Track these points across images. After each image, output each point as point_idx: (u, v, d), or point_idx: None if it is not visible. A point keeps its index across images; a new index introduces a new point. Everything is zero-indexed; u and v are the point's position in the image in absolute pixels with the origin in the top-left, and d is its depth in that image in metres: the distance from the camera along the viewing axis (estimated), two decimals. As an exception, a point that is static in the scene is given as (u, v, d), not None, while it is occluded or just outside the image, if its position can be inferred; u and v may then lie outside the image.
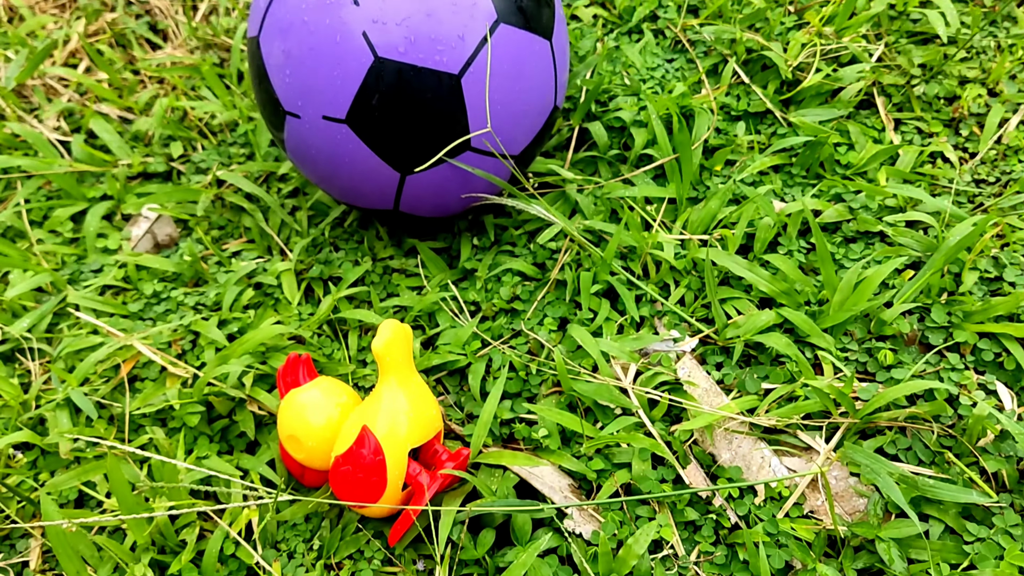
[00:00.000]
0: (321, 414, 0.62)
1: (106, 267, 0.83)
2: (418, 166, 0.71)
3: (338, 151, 0.71)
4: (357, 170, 0.72)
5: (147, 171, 0.93)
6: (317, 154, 0.73)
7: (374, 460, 0.58)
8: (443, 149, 0.70)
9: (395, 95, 0.67)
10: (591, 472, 0.65)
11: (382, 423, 0.59)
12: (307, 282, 0.82)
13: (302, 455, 0.62)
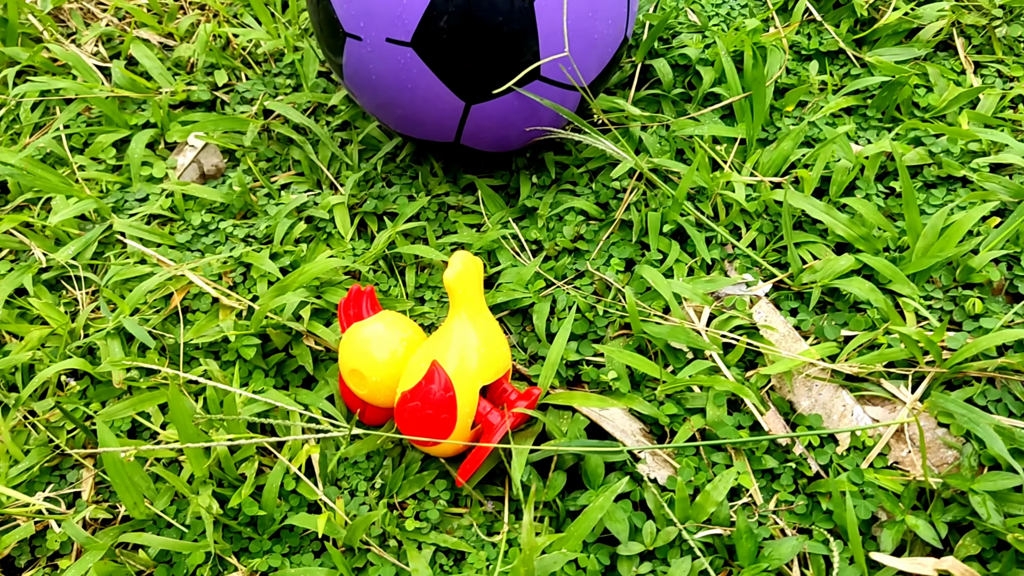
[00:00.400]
0: (386, 348, 0.60)
1: (152, 196, 0.80)
2: (484, 95, 0.68)
3: (401, 77, 0.68)
4: (420, 97, 0.69)
5: (190, 100, 0.90)
6: (378, 80, 0.69)
7: (444, 396, 0.55)
8: (511, 77, 0.67)
9: (465, 17, 0.64)
10: (664, 417, 0.63)
11: (452, 358, 0.56)
12: (360, 217, 0.79)
13: (365, 391, 0.60)
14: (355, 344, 0.60)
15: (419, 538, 0.59)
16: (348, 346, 0.61)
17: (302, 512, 0.60)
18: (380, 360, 0.59)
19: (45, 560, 0.59)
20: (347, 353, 0.60)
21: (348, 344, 0.61)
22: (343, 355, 0.61)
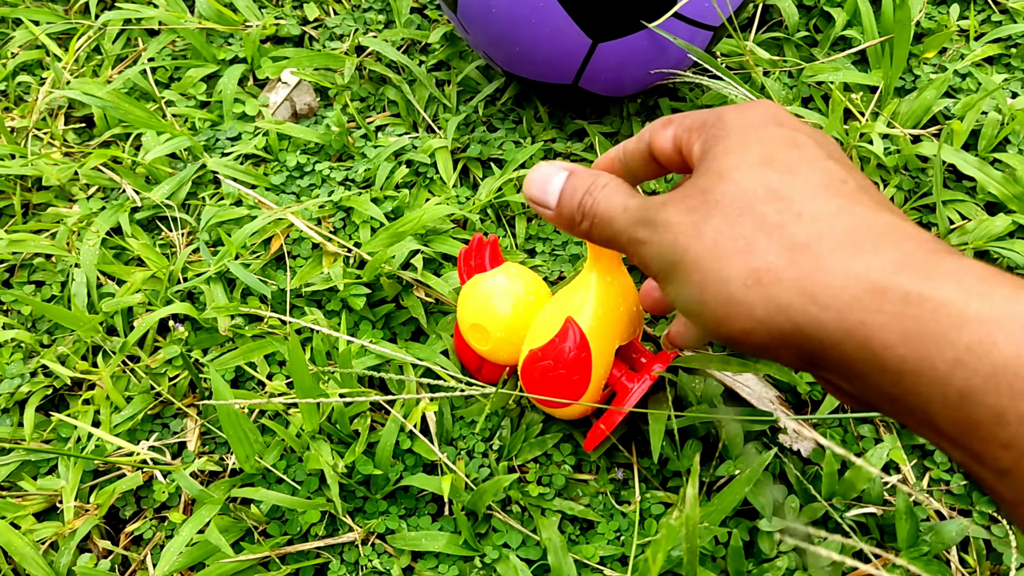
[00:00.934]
0: (510, 302, 0.55)
1: (244, 135, 0.76)
2: (614, 32, 0.62)
3: (525, 9, 0.62)
4: (543, 33, 0.63)
5: (278, 34, 0.85)
6: (498, 12, 0.64)
7: (578, 356, 0.51)
8: (643, 12, 0.61)
9: (601, -56, 0.58)
10: (803, 384, 0.58)
11: (587, 315, 0.52)
12: (463, 162, 0.74)
13: (486, 347, 0.56)
14: (477, 297, 0.56)
15: (544, 504, 0.55)
16: (468, 299, 0.57)
17: (419, 472, 0.56)
18: (504, 314, 0.55)
19: (152, 512, 0.56)
20: (467, 307, 0.56)
21: (469, 297, 0.57)
22: (462, 309, 0.57)
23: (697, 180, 0.33)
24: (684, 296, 0.32)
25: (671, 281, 0.33)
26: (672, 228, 0.32)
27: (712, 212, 0.32)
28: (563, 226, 0.39)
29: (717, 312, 0.31)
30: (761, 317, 0.30)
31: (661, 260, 0.33)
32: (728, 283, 0.30)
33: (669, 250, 0.32)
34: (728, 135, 0.34)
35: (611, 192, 0.36)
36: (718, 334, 0.32)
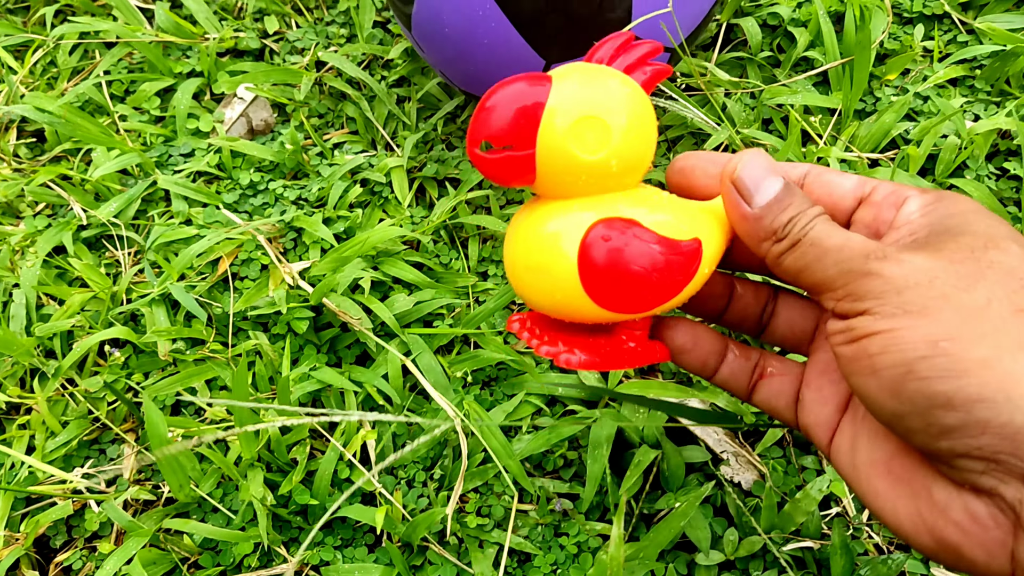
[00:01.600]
0: (647, 108, 0.33)
1: (197, 151, 0.75)
2: (568, 53, 0.62)
3: (477, 31, 0.62)
4: (496, 53, 0.63)
5: (238, 47, 0.84)
6: (451, 32, 0.63)
7: (692, 247, 0.33)
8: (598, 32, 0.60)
9: (550, -34, 0.58)
10: (748, 413, 0.57)
11: (712, 246, 0.34)
12: (419, 182, 0.73)
13: (596, 154, 0.31)
14: (599, 84, 0.32)
15: (482, 535, 0.54)
16: (582, 84, 0.32)
17: (356, 503, 0.55)
18: (638, 115, 0.32)
19: (83, 542, 0.55)
20: (576, 94, 0.32)
21: (584, 80, 0.32)
22: (563, 95, 0.31)
23: (946, 238, 0.29)
24: (910, 348, 0.26)
25: (895, 321, 0.27)
26: (925, 270, 0.27)
27: (985, 273, 0.27)
28: (751, 233, 0.32)
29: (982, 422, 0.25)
30: None
31: (895, 295, 0.27)
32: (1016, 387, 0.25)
33: (913, 285, 0.27)
34: (978, 212, 0.30)
35: (830, 225, 0.31)
36: (937, 449, 0.27)
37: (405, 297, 0.64)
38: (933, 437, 0.26)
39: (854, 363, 0.29)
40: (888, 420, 0.28)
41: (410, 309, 0.63)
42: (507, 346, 0.61)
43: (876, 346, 0.27)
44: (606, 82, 0.32)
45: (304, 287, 0.62)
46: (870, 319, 0.28)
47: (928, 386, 0.26)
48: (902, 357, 0.26)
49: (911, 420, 0.27)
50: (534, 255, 0.32)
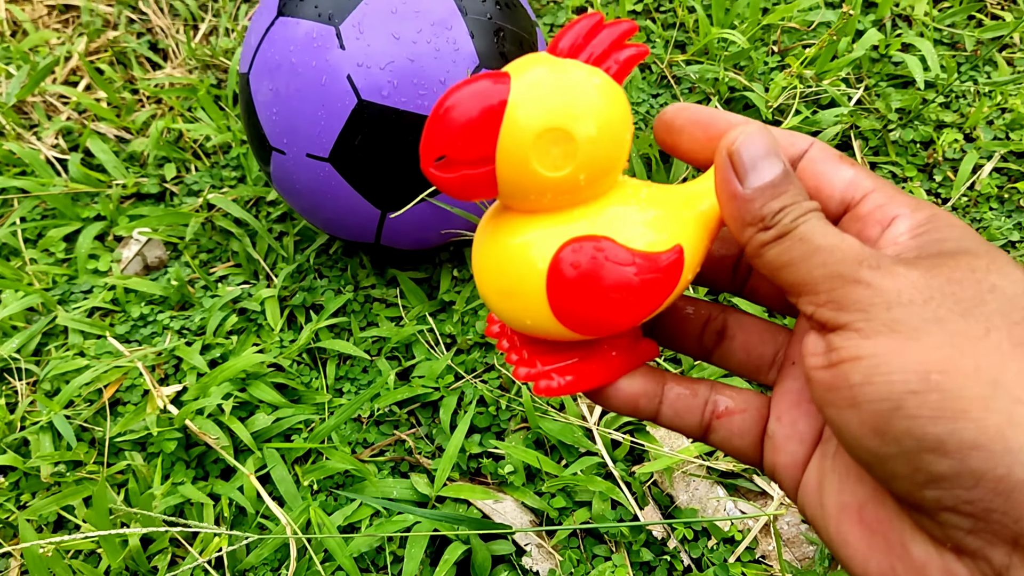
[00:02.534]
0: (621, 107, 0.29)
1: (96, 288, 0.85)
2: (398, 204, 0.73)
3: (321, 187, 0.73)
4: (339, 206, 0.74)
5: (141, 192, 0.96)
6: (301, 188, 0.75)
7: (672, 259, 0.29)
8: (423, 187, 0.72)
9: (377, 136, 0.70)
10: (552, 510, 0.67)
11: (692, 248, 0.31)
12: (290, 309, 0.84)
13: (560, 171, 0.28)
14: (563, 88, 0.28)
15: (318, 627, 0.63)
16: (543, 89, 0.28)
17: (210, 601, 0.64)
18: (610, 119, 0.28)
19: (-32, 646, 0.63)
20: (538, 103, 0.28)
21: (542, 86, 0.28)
22: (523, 106, 0.27)
23: (943, 257, 0.25)
24: (898, 369, 0.23)
25: (882, 342, 0.24)
26: (921, 287, 0.24)
27: (985, 299, 0.24)
28: (737, 215, 0.28)
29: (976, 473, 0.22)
30: None
31: (883, 311, 0.24)
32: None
33: (906, 302, 0.24)
34: (975, 236, 0.27)
35: (823, 222, 0.27)
36: (928, 503, 0.24)
37: (266, 416, 0.73)
38: (918, 485, 0.23)
39: (832, 392, 0.25)
40: (867, 461, 0.25)
41: (269, 426, 0.73)
42: (352, 456, 0.71)
43: (859, 374, 0.24)
44: (570, 82, 0.28)
45: (172, 410, 0.72)
46: (853, 337, 0.25)
47: (918, 426, 0.23)
48: (889, 390, 0.24)
49: (895, 463, 0.24)
50: (502, 279, 0.30)
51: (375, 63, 0.68)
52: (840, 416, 0.25)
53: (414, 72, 0.68)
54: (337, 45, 0.68)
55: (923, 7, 1.02)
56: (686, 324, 0.34)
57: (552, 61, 0.28)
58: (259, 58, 0.72)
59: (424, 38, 0.68)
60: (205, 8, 1.18)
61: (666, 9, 1.08)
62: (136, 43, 1.12)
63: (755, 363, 0.34)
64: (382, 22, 0.68)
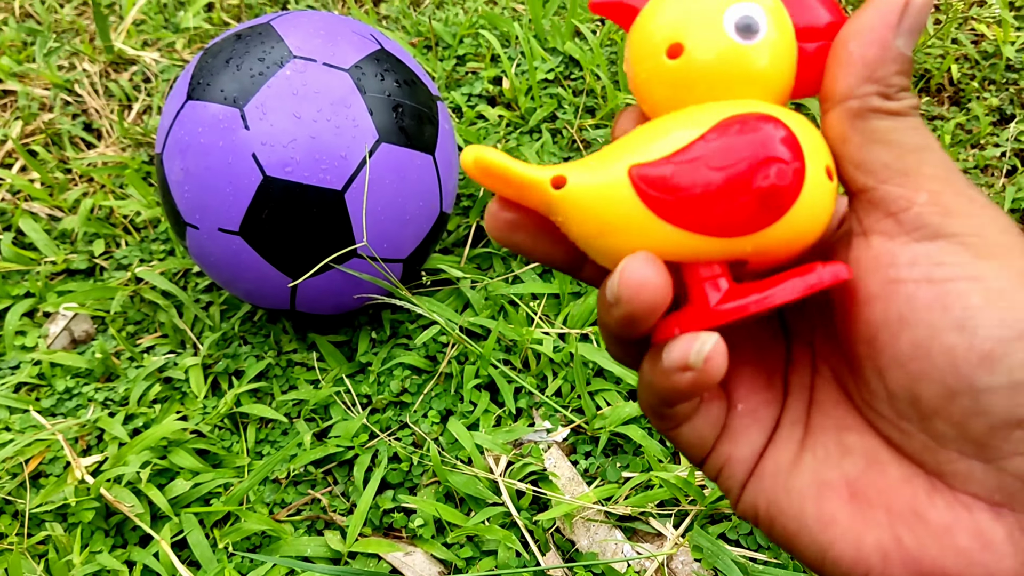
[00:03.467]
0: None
1: (23, 364, 0.88)
2: (308, 271, 0.77)
3: (234, 259, 0.77)
4: (252, 276, 0.78)
5: (70, 268, 0.99)
6: (216, 261, 0.78)
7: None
8: (330, 256, 0.76)
9: (283, 210, 0.74)
10: (459, 560, 0.70)
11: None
12: (214, 376, 0.87)
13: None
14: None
15: None
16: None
17: (125, 666, 0.66)
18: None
19: None
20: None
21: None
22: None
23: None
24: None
25: (994, 263, 0.23)
26: (1013, 224, 0.23)
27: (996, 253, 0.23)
28: (870, 64, 0.25)
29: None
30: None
31: (997, 237, 0.23)
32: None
33: (1015, 233, 0.23)
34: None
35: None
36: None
37: (185, 481, 0.76)
38: (1012, 425, 0.22)
39: (933, 313, 0.23)
40: (944, 395, 0.23)
41: (188, 491, 0.75)
42: (268, 517, 0.74)
43: (978, 296, 0.22)
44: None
45: (90, 480, 0.74)
46: (963, 254, 0.23)
47: None
48: (1014, 316, 0.22)
49: (994, 398, 0.22)
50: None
51: (278, 141, 0.72)
52: (935, 339, 0.22)
53: (316, 148, 0.73)
54: (242, 126, 0.72)
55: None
56: None
57: None
58: (171, 139, 0.76)
59: (324, 116, 0.73)
60: (139, 88, 1.23)
61: (576, 77, 1.14)
62: (71, 124, 1.16)
63: None
64: (284, 103, 0.72)
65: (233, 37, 0.78)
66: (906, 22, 0.24)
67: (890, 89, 0.25)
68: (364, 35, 0.80)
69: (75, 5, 1.39)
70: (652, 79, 0.27)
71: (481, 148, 0.26)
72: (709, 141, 0.25)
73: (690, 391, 0.25)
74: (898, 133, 0.24)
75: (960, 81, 1.08)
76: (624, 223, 0.25)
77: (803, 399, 0.29)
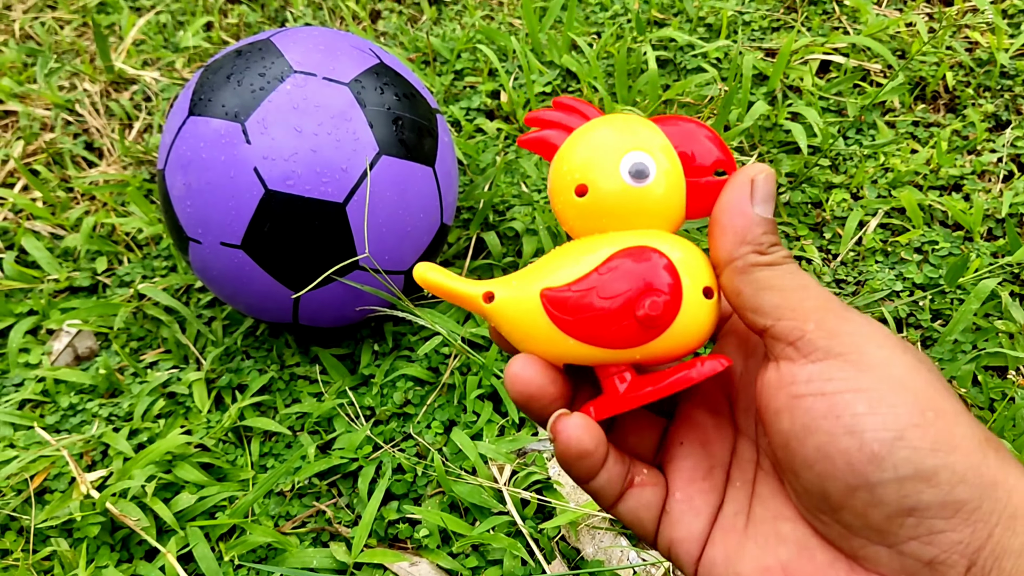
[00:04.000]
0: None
1: (27, 381, 0.88)
2: (310, 284, 0.78)
3: (236, 273, 0.77)
4: (255, 290, 0.78)
5: (73, 285, 0.99)
6: (218, 275, 0.79)
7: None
8: (331, 267, 0.77)
9: (285, 223, 0.74)
10: (465, 569, 0.70)
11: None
12: (217, 390, 0.87)
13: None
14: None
15: None
16: (573, 153, 0.33)
17: None
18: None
19: None
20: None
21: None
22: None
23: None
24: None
25: (876, 374, 0.27)
26: (892, 337, 0.28)
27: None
28: (740, 231, 0.31)
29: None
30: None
31: (876, 352, 0.27)
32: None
33: (889, 348, 0.28)
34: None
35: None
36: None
37: (190, 495, 0.76)
38: (901, 512, 0.26)
39: (826, 420, 0.26)
40: (843, 491, 0.27)
41: (193, 505, 0.75)
42: (274, 530, 0.74)
43: (863, 404, 0.26)
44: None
45: (95, 495, 0.74)
46: (849, 369, 0.27)
47: (918, 456, 0.25)
48: (895, 421, 0.25)
49: (884, 491, 0.26)
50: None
51: (279, 155, 0.73)
52: (832, 443, 0.26)
53: (316, 162, 0.73)
54: (244, 140, 0.73)
55: (810, 79, 1.10)
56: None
57: (580, 135, 0.34)
58: (173, 155, 0.77)
59: (325, 130, 0.74)
60: (139, 107, 1.23)
61: (574, 90, 1.15)
62: (72, 143, 1.16)
63: (645, 446, 0.36)
64: (285, 117, 0.73)
65: (234, 53, 0.79)
66: (757, 194, 0.31)
67: (762, 246, 0.30)
68: (363, 50, 0.81)
69: (75, 26, 1.40)
70: (566, 210, 0.33)
71: (427, 269, 0.34)
72: (601, 274, 0.31)
73: (561, 457, 0.32)
74: (779, 279, 0.29)
75: (955, 88, 1.09)
76: (538, 333, 0.32)
77: (746, 491, 0.32)
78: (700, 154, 0.32)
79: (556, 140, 0.34)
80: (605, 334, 0.31)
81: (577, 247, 0.33)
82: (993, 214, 0.93)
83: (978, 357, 0.79)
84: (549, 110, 0.35)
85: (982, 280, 0.83)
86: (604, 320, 0.31)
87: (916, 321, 0.85)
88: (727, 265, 0.31)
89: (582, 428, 0.31)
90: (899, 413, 0.26)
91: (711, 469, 0.33)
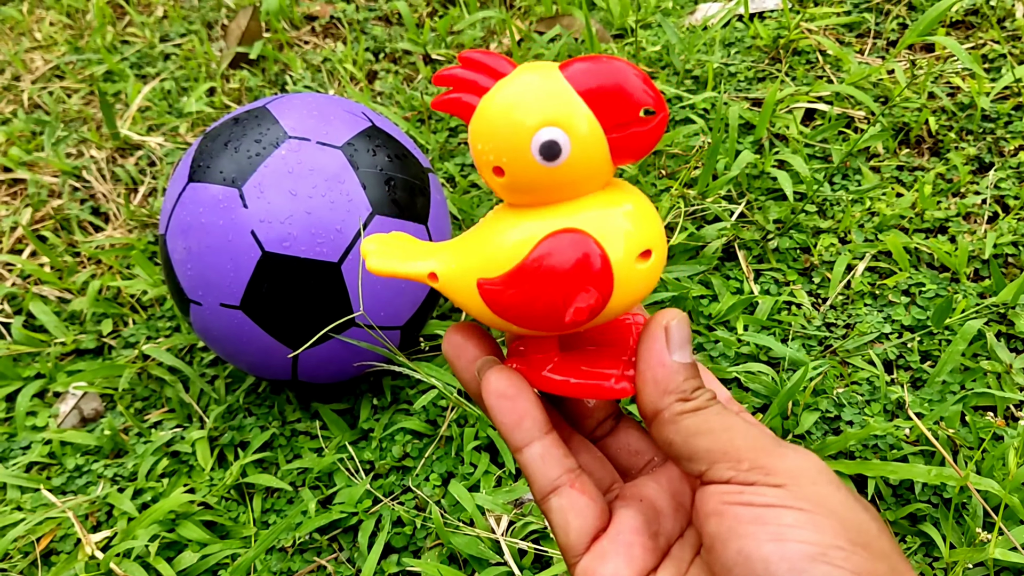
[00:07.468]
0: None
1: (34, 444, 0.90)
2: (309, 342, 0.80)
3: (236, 333, 0.79)
4: (255, 348, 0.80)
5: (79, 348, 1.01)
6: (219, 335, 0.81)
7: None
8: (327, 325, 0.79)
9: (282, 283, 0.76)
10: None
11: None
12: (220, 448, 0.88)
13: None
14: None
15: None
16: (485, 123, 0.32)
17: None
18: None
19: None
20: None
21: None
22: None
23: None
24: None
25: (812, 503, 0.28)
26: (821, 469, 0.30)
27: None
28: (661, 382, 0.32)
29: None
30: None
31: (808, 487, 0.29)
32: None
33: (823, 484, 0.29)
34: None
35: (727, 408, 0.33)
36: None
37: (192, 554, 0.77)
38: None
39: (750, 525, 0.28)
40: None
41: (196, 563, 0.77)
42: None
43: (791, 518, 0.28)
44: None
45: (100, 556, 0.75)
46: (786, 493, 0.28)
47: (838, 573, 0.27)
48: (820, 539, 0.27)
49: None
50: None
51: (276, 218, 0.75)
52: (755, 548, 0.28)
53: (311, 223, 0.76)
54: (241, 205, 0.76)
55: (795, 127, 1.12)
56: (586, 410, 0.38)
57: (492, 95, 0.32)
58: (173, 220, 0.80)
59: (319, 192, 0.76)
60: (144, 172, 1.27)
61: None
62: (79, 209, 1.20)
63: (631, 462, 0.37)
64: (280, 181, 0.76)
65: (231, 121, 0.82)
66: (673, 341, 0.32)
67: (685, 393, 0.31)
68: (355, 113, 0.84)
69: (82, 95, 1.45)
70: (491, 185, 0.33)
71: (375, 257, 0.35)
72: (528, 268, 0.31)
73: (486, 403, 0.34)
74: (707, 423, 0.31)
75: (938, 132, 1.12)
76: (480, 313, 0.33)
77: (680, 570, 0.33)
78: (622, 101, 0.30)
79: (471, 101, 0.32)
80: (539, 325, 0.32)
81: (508, 222, 0.33)
82: (978, 255, 0.95)
83: (965, 397, 0.80)
84: (459, 67, 0.33)
85: (968, 320, 0.85)
86: (536, 316, 0.32)
87: (905, 363, 0.86)
88: (654, 418, 0.32)
89: (505, 375, 0.33)
90: (825, 532, 0.27)
91: (656, 536, 0.34)
